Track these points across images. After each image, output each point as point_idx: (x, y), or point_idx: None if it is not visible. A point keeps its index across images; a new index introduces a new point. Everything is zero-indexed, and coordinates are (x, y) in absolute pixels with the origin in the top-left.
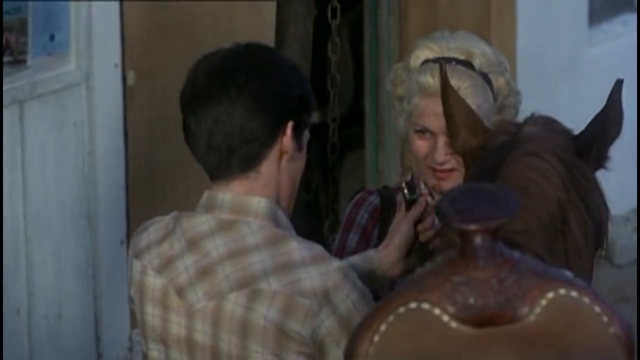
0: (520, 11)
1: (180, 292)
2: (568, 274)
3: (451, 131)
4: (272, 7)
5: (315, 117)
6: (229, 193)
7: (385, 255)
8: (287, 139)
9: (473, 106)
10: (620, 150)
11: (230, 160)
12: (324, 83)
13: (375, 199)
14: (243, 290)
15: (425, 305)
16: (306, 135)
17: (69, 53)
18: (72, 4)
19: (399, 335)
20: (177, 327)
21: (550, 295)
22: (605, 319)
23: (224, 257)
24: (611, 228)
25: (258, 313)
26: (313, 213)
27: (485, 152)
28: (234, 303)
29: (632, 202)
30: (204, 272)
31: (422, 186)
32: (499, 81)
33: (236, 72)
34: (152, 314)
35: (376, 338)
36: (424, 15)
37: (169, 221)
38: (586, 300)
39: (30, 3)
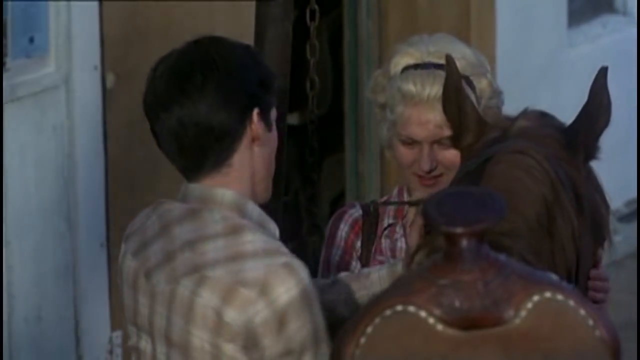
0: (499, 13)
1: (147, 275)
2: (554, 276)
3: (460, 128)
4: (251, 8)
5: (294, 119)
6: (198, 184)
7: None
8: (255, 126)
9: None
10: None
11: (203, 160)
12: (303, 85)
13: (355, 212)
14: (193, 275)
15: (412, 308)
16: (273, 114)
17: (48, 55)
18: (52, 6)
19: (385, 337)
20: (143, 308)
21: (536, 298)
22: (590, 322)
23: (185, 243)
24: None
25: (202, 299)
26: (292, 215)
27: (476, 148)
28: (184, 288)
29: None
30: (168, 257)
31: (406, 196)
32: (481, 83)
33: (192, 72)
34: (127, 295)
35: (362, 340)
36: (403, 17)
37: (151, 207)
38: (571, 303)
39: (9, 5)
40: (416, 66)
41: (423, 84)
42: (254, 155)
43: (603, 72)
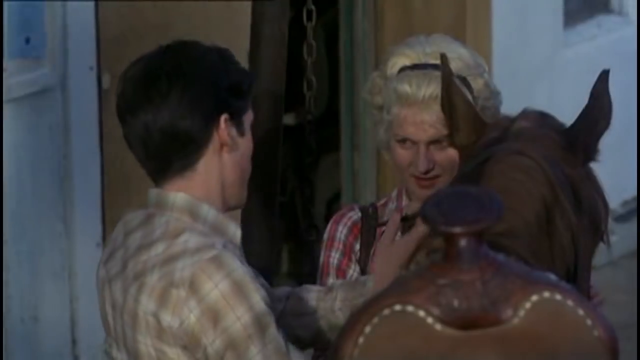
0: (495, 13)
1: (110, 284)
2: (552, 276)
3: (452, 125)
4: (247, 9)
5: (290, 120)
6: (156, 189)
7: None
8: (223, 132)
9: None
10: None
11: (168, 165)
12: (300, 85)
13: (354, 214)
14: (135, 283)
15: (410, 308)
16: (248, 117)
17: (44, 56)
18: (47, 7)
19: (384, 337)
20: (110, 317)
21: (534, 298)
22: (588, 321)
23: (135, 251)
24: None
25: (142, 305)
26: (289, 215)
27: (475, 148)
28: (130, 296)
29: None
30: (123, 266)
31: (405, 198)
32: (477, 83)
33: (158, 78)
34: (100, 304)
35: (361, 340)
36: (399, 17)
37: (123, 216)
38: (570, 303)
39: (5, 6)
40: (412, 67)
41: (418, 85)
42: (222, 160)
43: (605, 76)
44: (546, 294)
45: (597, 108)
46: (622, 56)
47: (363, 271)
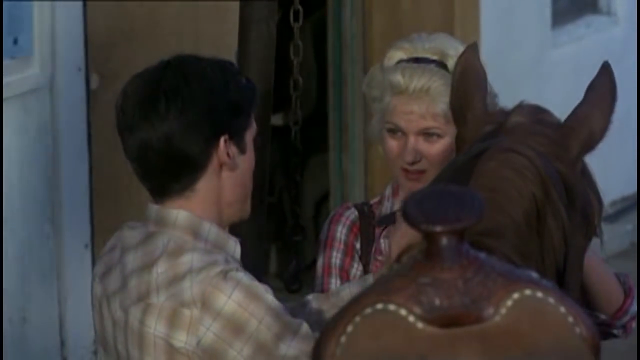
0: (483, 13)
1: (109, 301)
2: (534, 274)
3: (462, 118)
4: (235, 10)
5: (278, 120)
6: (156, 206)
7: None
8: (222, 153)
9: (444, 106)
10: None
11: (166, 185)
12: (287, 86)
13: (351, 214)
14: (139, 304)
15: (392, 306)
16: (249, 134)
17: (33, 57)
18: (36, 7)
19: (366, 335)
20: (108, 335)
21: (516, 295)
22: (570, 319)
23: (135, 269)
24: None
25: (149, 327)
26: (276, 216)
27: (469, 143)
28: (133, 317)
29: None
30: (123, 284)
31: (401, 194)
32: None
33: (157, 97)
34: (95, 319)
35: (343, 339)
36: (388, 18)
37: (120, 229)
38: (551, 300)
39: None
40: (409, 60)
41: (411, 76)
42: (221, 180)
43: (604, 69)
44: (527, 292)
45: (594, 98)
46: (610, 56)
47: (365, 269)
